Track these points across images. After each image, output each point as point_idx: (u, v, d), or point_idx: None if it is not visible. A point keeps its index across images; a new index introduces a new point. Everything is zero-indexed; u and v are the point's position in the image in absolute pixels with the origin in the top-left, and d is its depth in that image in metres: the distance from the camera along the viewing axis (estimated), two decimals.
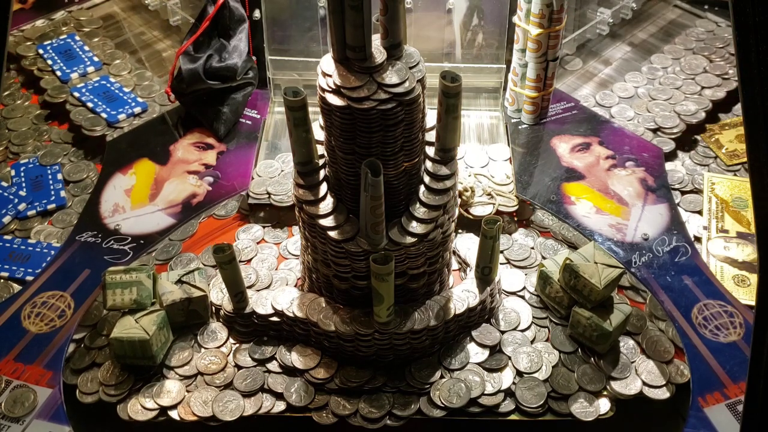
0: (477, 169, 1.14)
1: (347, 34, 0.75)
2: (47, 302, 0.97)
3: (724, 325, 0.94)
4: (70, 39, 1.43)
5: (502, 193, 1.09)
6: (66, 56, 1.38)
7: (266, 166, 1.16)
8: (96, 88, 1.31)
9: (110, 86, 1.32)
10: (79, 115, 1.27)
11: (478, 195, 1.09)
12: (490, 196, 1.09)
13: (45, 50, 1.40)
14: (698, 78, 1.34)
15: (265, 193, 1.11)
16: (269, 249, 1.07)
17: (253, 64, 1.26)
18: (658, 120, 1.24)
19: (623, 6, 1.42)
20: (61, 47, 1.41)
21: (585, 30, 1.38)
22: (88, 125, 1.25)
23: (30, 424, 0.86)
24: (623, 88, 1.32)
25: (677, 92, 1.31)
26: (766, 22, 0.60)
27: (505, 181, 1.12)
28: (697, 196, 1.13)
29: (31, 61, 1.39)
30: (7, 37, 0.71)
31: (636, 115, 1.26)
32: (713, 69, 1.36)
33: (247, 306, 0.93)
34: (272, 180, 1.13)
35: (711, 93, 1.31)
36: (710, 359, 0.91)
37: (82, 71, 1.36)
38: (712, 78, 1.34)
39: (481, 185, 1.10)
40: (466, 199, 1.07)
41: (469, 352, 0.92)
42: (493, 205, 1.08)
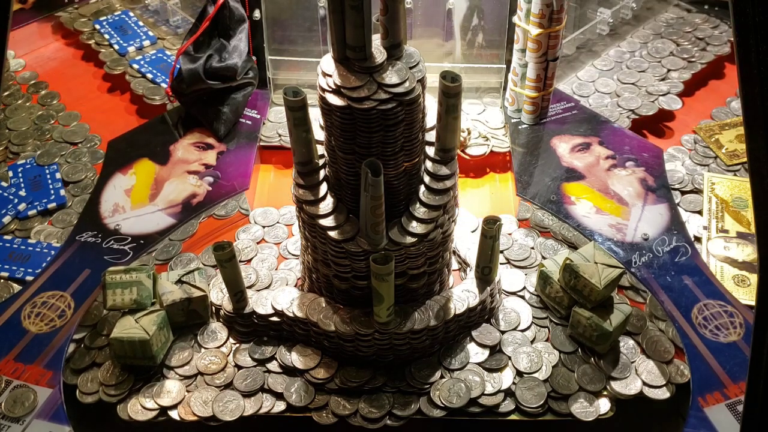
0: (473, 116, 1.25)
1: (347, 34, 0.75)
2: (47, 302, 0.97)
3: (724, 325, 0.94)
4: (124, 15, 1.49)
5: (495, 136, 1.20)
6: (122, 31, 1.44)
7: (277, 112, 1.24)
8: (153, 61, 1.38)
9: (167, 59, 1.38)
10: (140, 85, 1.33)
11: (474, 137, 1.19)
12: (485, 138, 1.18)
13: (101, 25, 1.46)
14: (664, 61, 1.38)
15: (276, 136, 1.20)
16: (269, 249, 1.07)
17: (253, 64, 1.26)
18: (632, 104, 1.28)
19: (623, 6, 1.42)
20: (116, 23, 1.47)
21: (585, 30, 1.38)
22: (149, 94, 1.31)
23: (30, 424, 0.86)
24: (590, 73, 1.35)
25: (645, 75, 1.35)
26: (766, 22, 0.60)
27: (498, 126, 1.23)
28: (697, 196, 1.13)
29: (88, 36, 1.45)
30: (8, 37, 0.71)
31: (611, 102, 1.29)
32: (680, 53, 1.39)
33: (247, 306, 0.93)
34: (283, 124, 1.20)
35: (677, 75, 1.34)
36: (710, 359, 0.91)
37: (139, 45, 1.42)
38: (678, 61, 1.38)
39: (476, 129, 1.21)
40: (464, 140, 1.16)
41: (469, 352, 0.92)
42: (487, 146, 1.19)
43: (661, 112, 1.28)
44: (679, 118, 1.29)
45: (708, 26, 1.45)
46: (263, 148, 1.21)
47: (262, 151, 1.22)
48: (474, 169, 1.21)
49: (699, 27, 1.45)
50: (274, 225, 1.11)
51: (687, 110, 1.30)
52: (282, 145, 1.21)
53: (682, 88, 1.32)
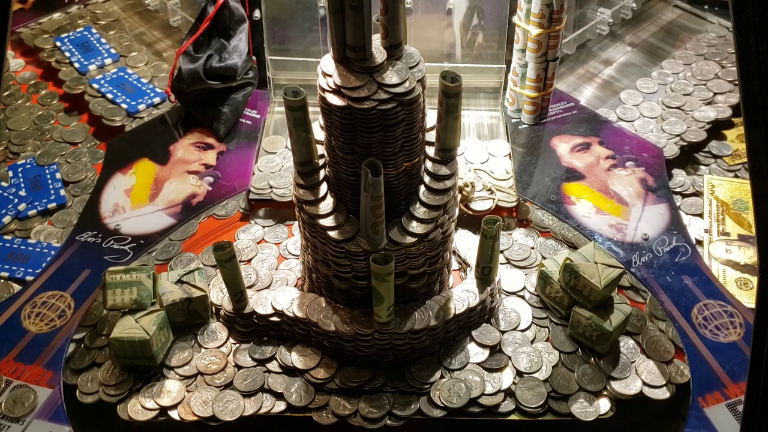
0: (477, 164, 1.15)
1: (347, 34, 0.75)
2: (47, 302, 0.97)
3: (724, 325, 0.94)
4: (86, 32, 1.45)
5: (501, 189, 1.09)
6: (83, 48, 1.40)
7: (267, 161, 1.17)
8: (114, 80, 1.34)
9: (128, 77, 1.34)
10: (99, 105, 1.29)
11: (478, 190, 1.09)
12: (490, 192, 1.09)
13: (63, 43, 1.42)
14: (710, 84, 1.32)
15: (267, 187, 1.12)
16: (269, 249, 1.07)
17: (253, 64, 1.26)
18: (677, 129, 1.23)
19: (623, 6, 1.42)
20: (78, 39, 1.43)
21: (585, 30, 1.38)
22: (108, 115, 1.27)
23: (30, 424, 0.86)
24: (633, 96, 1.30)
25: (689, 98, 1.29)
26: (766, 22, 0.60)
27: (504, 177, 1.12)
28: (698, 198, 1.13)
29: (49, 54, 1.41)
30: (8, 37, 0.71)
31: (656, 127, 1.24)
32: (725, 75, 1.34)
33: (247, 306, 0.93)
34: (273, 174, 1.14)
35: (724, 99, 1.28)
36: (710, 359, 0.91)
37: (100, 63, 1.38)
38: (724, 84, 1.32)
39: (481, 180, 1.11)
40: (466, 195, 1.07)
41: (469, 352, 0.92)
42: (492, 200, 1.08)
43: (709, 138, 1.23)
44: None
45: None
46: (253, 202, 1.12)
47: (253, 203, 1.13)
48: (477, 223, 1.00)
49: None
50: (274, 225, 1.11)
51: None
52: (272, 198, 1.11)
53: (730, 114, 1.26)
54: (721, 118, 1.25)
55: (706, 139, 1.22)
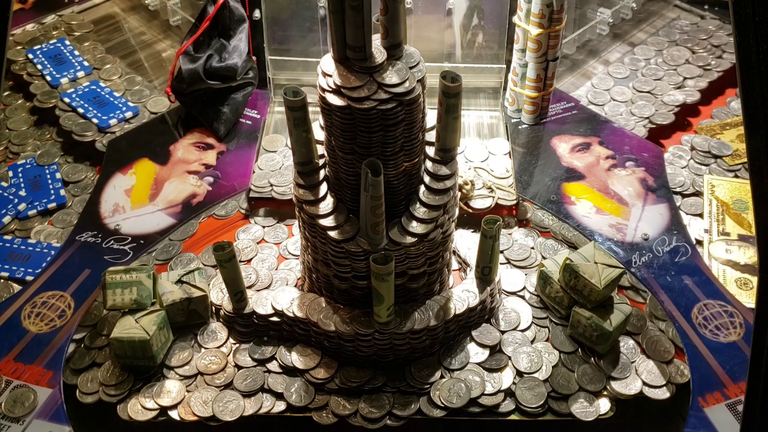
0: (477, 163, 1.15)
1: (347, 34, 0.75)
2: (47, 302, 0.97)
3: (724, 325, 0.94)
4: (60, 43, 1.41)
5: (501, 187, 1.10)
6: (56, 61, 1.37)
7: (267, 159, 1.17)
8: (86, 93, 1.30)
9: (100, 91, 1.31)
10: (69, 120, 1.25)
11: (478, 188, 1.09)
12: (490, 190, 1.09)
13: (35, 55, 1.38)
14: (680, 69, 1.37)
15: (267, 185, 1.12)
16: (269, 249, 1.07)
17: (253, 64, 1.26)
18: (646, 112, 1.27)
19: (623, 6, 1.42)
20: (51, 52, 1.39)
21: (585, 30, 1.38)
22: (78, 131, 1.24)
23: (30, 424, 0.86)
24: (605, 81, 1.34)
25: (660, 83, 1.34)
26: (766, 22, 0.60)
27: (504, 175, 1.12)
28: (698, 198, 1.13)
29: (21, 66, 1.37)
30: (8, 37, 0.71)
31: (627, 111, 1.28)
32: (696, 60, 1.38)
33: (247, 306, 0.93)
34: (274, 173, 1.14)
35: (693, 83, 1.33)
36: (710, 359, 0.91)
37: (72, 76, 1.34)
38: (694, 69, 1.36)
39: (480, 179, 1.11)
40: (466, 193, 1.07)
41: (469, 352, 0.92)
42: (492, 198, 1.08)
43: (677, 121, 1.27)
44: (679, 118, 1.29)
45: (723, 33, 1.44)
46: (253, 201, 1.12)
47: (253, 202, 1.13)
48: (477, 223, 1.02)
49: (714, 34, 1.44)
50: (274, 225, 1.11)
51: (687, 110, 1.30)
52: (272, 196, 1.11)
53: (698, 97, 1.31)
54: (690, 102, 1.30)
55: (674, 122, 1.26)
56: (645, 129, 1.24)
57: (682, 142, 1.23)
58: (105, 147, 1.20)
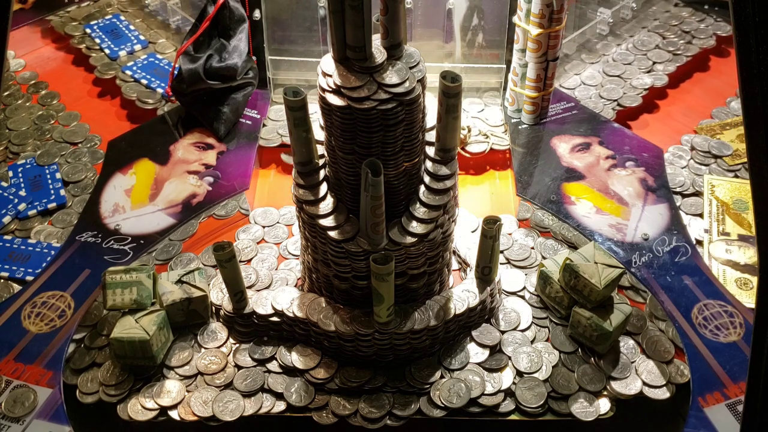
0: (473, 113, 1.25)
1: (347, 34, 0.75)
2: (47, 302, 0.97)
3: (724, 325, 0.94)
4: (115, 19, 1.49)
5: (495, 134, 1.20)
6: (113, 35, 1.44)
7: (277, 110, 1.23)
8: (146, 65, 1.37)
9: (159, 63, 1.38)
10: (130, 89, 1.33)
11: (474, 134, 1.20)
12: (485, 136, 1.19)
13: (92, 29, 1.46)
14: (650, 54, 1.39)
15: (276, 136, 1.19)
16: (269, 249, 1.07)
17: (253, 64, 1.26)
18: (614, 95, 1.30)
19: (623, 6, 1.42)
20: (107, 27, 1.46)
21: (585, 30, 1.38)
22: (142, 97, 1.31)
23: (30, 424, 0.86)
24: (577, 66, 1.37)
25: (629, 67, 1.36)
26: (766, 22, 0.60)
27: (498, 123, 1.24)
28: (698, 198, 1.13)
29: (79, 40, 1.45)
30: (8, 37, 0.71)
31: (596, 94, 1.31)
32: (666, 45, 1.41)
33: (247, 306, 0.93)
34: (282, 123, 1.20)
35: (662, 68, 1.36)
36: (710, 359, 0.91)
37: (130, 49, 1.42)
38: (664, 54, 1.39)
39: (476, 127, 1.21)
40: (464, 138, 1.16)
41: (469, 352, 0.92)
42: (487, 144, 1.19)
43: (648, 105, 1.30)
44: (679, 118, 1.29)
45: (694, 20, 1.47)
46: (264, 148, 1.20)
47: (262, 151, 1.21)
48: (474, 166, 1.22)
49: (685, 20, 1.47)
50: (274, 225, 1.11)
51: (687, 110, 1.30)
52: (283, 142, 1.20)
53: (667, 81, 1.34)
54: (658, 85, 1.33)
55: (642, 104, 1.29)
56: (613, 111, 1.27)
57: (682, 142, 1.23)
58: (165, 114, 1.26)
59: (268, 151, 1.22)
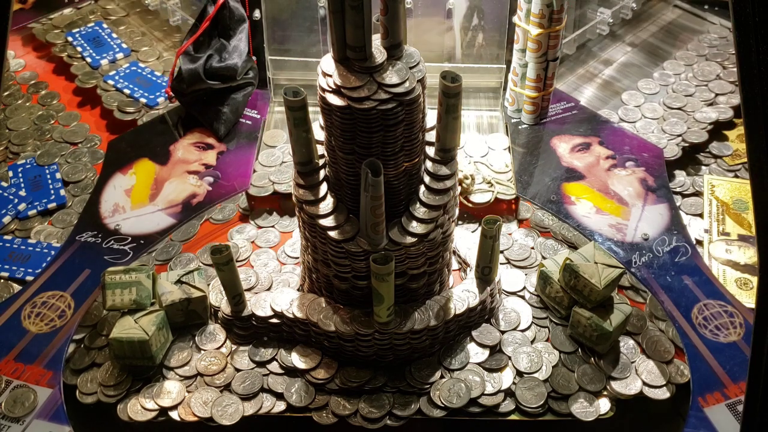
0: (477, 158, 1.16)
1: (347, 34, 0.75)
2: (47, 302, 0.97)
3: (724, 325, 0.94)
4: (97, 26, 1.46)
5: (500, 182, 1.11)
6: (95, 43, 1.42)
7: (268, 155, 1.17)
8: (128, 75, 1.35)
9: (141, 71, 1.36)
10: (111, 99, 1.30)
11: (478, 183, 1.11)
12: (490, 184, 1.10)
13: (74, 37, 1.43)
14: (711, 85, 1.32)
15: (268, 183, 1.12)
16: (269, 251, 1.06)
17: (253, 64, 1.26)
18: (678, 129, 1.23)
19: (623, 6, 1.42)
20: (89, 35, 1.44)
21: (585, 30, 1.38)
22: (123, 107, 1.29)
23: (30, 424, 0.86)
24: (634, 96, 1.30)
25: (691, 99, 1.29)
26: (766, 22, 0.60)
27: (503, 170, 1.14)
28: (698, 198, 1.13)
29: (61, 48, 1.42)
30: (8, 37, 0.71)
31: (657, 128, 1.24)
32: (727, 76, 1.33)
33: (246, 309, 0.92)
34: (275, 168, 1.15)
35: (725, 99, 1.28)
36: (710, 359, 0.91)
37: (112, 57, 1.39)
38: (726, 85, 1.31)
39: (480, 173, 1.12)
40: (466, 187, 1.09)
41: (469, 352, 0.92)
42: (492, 193, 1.10)
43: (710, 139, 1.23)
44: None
45: None
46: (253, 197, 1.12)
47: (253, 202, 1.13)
48: (476, 218, 1.10)
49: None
50: (273, 226, 1.11)
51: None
52: (276, 191, 1.11)
53: (731, 114, 1.26)
54: (723, 119, 1.25)
55: (707, 140, 1.22)
56: (678, 147, 1.19)
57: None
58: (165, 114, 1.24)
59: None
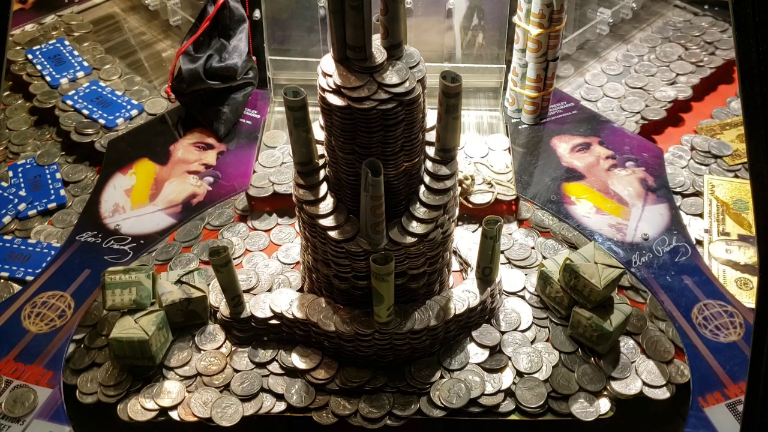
0: (477, 158, 1.16)
1: (347, 34, 0.75)
2: (47, 302, 0.97)
3: (724, 325, 0.94)
4: (59, 44, 1.41)
5: (501, 182, 1.11)
6: (55, 61, 1.37)
7: (268, 156, 1.17)
8: (88, 94, 1.30)
9: (102, 91, 1.31)
10: (69, 119, 1.26)
11: (478, 183, 1.11)
12: (490, 185, 1.10)
13: (34, 55, 1.38)
14: (672, 65, 1.38)
15: (268, 184, 1.12)
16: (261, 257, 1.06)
17: (253, 64, 1.26)
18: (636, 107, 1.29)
19: (623, 6, 1.42)
20: (50, 52, 1.39)
21: (585, 30, 1.38)
22: (79, 129, 1.24)
23: (30, 424, 0.86)
24: (598, 76, 1.35)
25: (652, 79, 1.35)
26: (766, 22, 0.60)
27: (503, 171, 1.14)
28: (698, 198, 1.13)
29: (21, 67, 1.37)
30: (8, 38, 0.71)
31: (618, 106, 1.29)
32: (688, 57, 1.40)
33: (244, 311, 0.92)
34: (275, 169, 1.15)
35: (685, 79, 1.34)
36: (710, 359, 0.91)
37: (72, 76, 1.34)
38: (687, 65, 1.37)
39: (480, 174, 1.12)
40: (466, 188, 1.08)
41: (469, 353, 0.92)
42: (492, 194, 1.10)
43: (669, 116, 1.28)
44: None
45: (716, 30, 1.45)
46: (253, 198, 1.11)
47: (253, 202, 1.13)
48: (476, 218, 1.10)
49: (707, 31, 1.45)
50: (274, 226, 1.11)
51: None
52: (275, 191, 1.11)
53: (690, 93, 1.31)
54: (682, 98, 1.31)
55: (666, 117, 1.27)
56: (637, 125, 1.25)
57: (682, 142, 1.23)
58: (104, 147, 1.20)
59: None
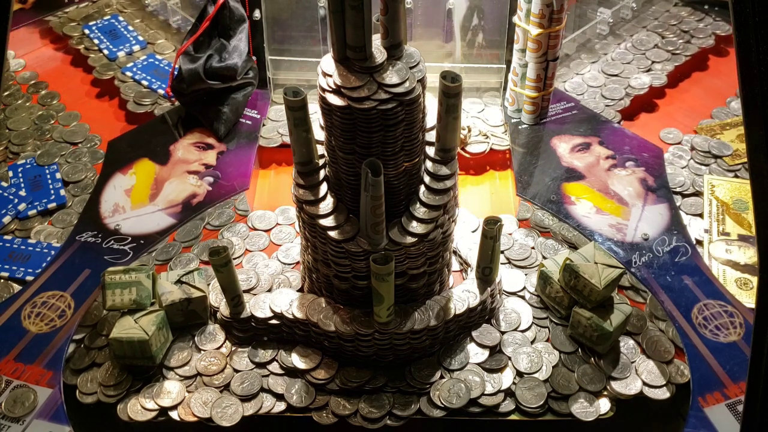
0: (473, 113, 1.26)
1: (347, 34, 0.75)
2: (47, 302, 0.97)
3: (724, 325, 0.94)
4: (113, 19, 1.48)
5: (495, 134, 1.20)
6: (111, 36, 1.44)
7: (277, 110, 1.23)
8: (146, 66, 1.37)
9: (159, 63, 1.38)
10: (129, 89, 1.32)
11: (474, 134, 1.20)
12: (485, 136, 1.20)
13: (91, 30, 1.46)
14: (648, 53, 1.40)
15: (277, 135, 1.19)
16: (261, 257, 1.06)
17: (253, 64, 1.26)
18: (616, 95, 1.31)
19: (623, 6, 1.42)
20: (106, 27, 1.46)
21: (585, 30, 1.38)
22: (139, 99, 1.31)
23: (30, 424, 0.86)
24: (578, 63, 1.38)
25: (628, 66, 1.37)
26: (766, 22, 0.60)
27: (497, 123, 1.24)
28: (698, 198, 1.13)
29: (78, 41, 1.45)
30: (8, 37, 0.71)
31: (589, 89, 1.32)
32: (665, 45, 1.42)
33: (244, 311, 0.92)
34: (283, 123, 1.19)
35: (661, 67, 1.37)
36: (710, 359, 0.91)
37: (128, 50, 1.41)
38: (662, 53, 1.40)
39: (476, 127, 1.21)
40: (464, 138, 1.17)
41: (469, 353, 0.92)
42: (487, 144, 1.19)
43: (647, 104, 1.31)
44: (680, 118, 1.29)
45: (693, 19, 1.47)
46: (264, 148, 1.20)
47: (263, 151, 1.21)
48: (474, 167, 1.22)
49: (684, 20, 1.47)
50: (274, 226, 1.11)
51: (687, 110, 1.30)
52: (284, 142, 1.20)
53: (665, 81, 1.34)
54: (656, 85, 1.33)
55: (641, 104, 1.30)
56: (616, 112, 1.27)
57: (682, 142, 1.23)
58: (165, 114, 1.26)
59: (269, 151, 1.21)
